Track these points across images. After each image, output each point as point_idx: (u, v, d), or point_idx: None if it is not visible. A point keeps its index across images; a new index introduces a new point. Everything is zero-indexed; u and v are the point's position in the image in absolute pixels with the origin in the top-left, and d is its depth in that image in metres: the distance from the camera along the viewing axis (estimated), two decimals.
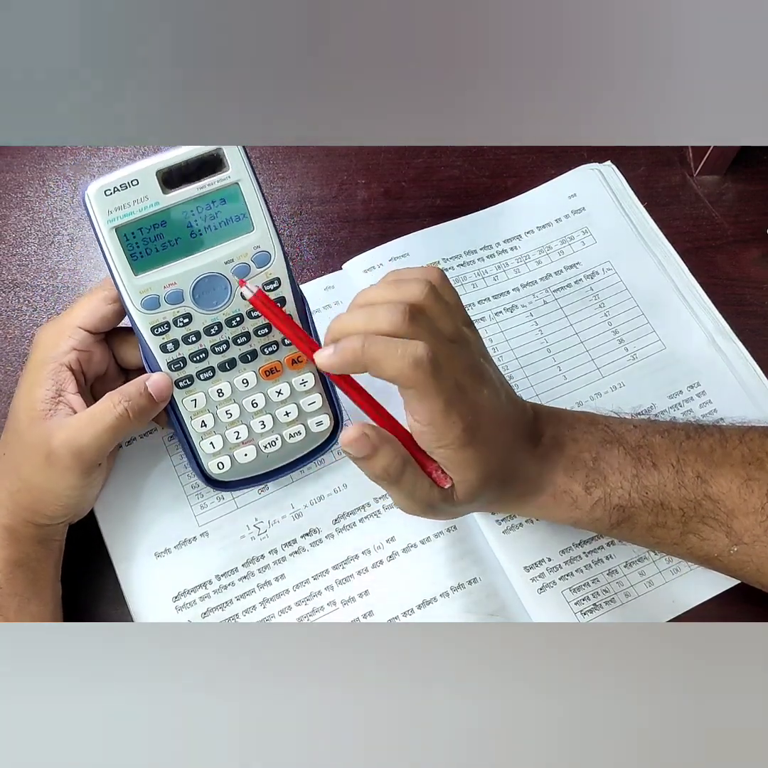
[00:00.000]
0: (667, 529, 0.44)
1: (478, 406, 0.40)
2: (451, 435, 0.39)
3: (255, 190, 0.44)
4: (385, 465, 0.40)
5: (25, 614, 0.44)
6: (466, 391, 0.40)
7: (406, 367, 0.37)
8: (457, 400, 0.39)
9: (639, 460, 0.44)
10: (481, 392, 0.41)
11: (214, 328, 0.45)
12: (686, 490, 0.43)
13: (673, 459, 0.44)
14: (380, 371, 0.38)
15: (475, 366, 0.41)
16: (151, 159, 0.43)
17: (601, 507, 0.44)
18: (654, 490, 0.44)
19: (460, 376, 0.40)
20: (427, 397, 0.38)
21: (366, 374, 0.39)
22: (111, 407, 0.43)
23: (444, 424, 0.39)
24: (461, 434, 0.39)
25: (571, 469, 0.44)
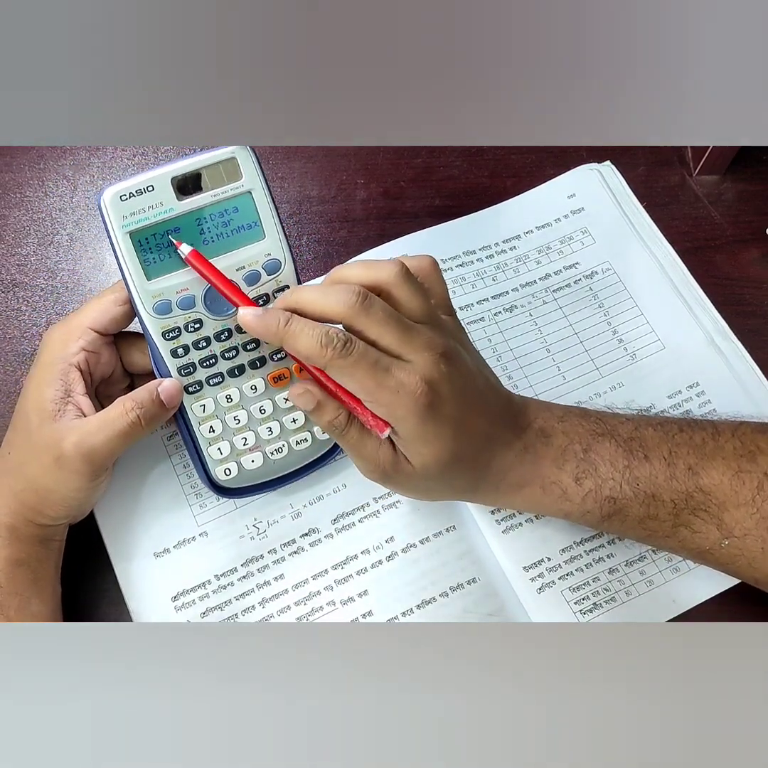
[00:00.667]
0: (659, 522, 0.44)
1: (438, 383, 0.41)
2: (401, 408, 0.40)
3: (267, 199, 0.45)
4: (330, 418, 0.42)
5: (25, 613, 0.44)
6: (421, 368, 0.40)
7: (317, 346, 0.40)
8: (405, 374, 0.40)
9: (630, 451, 0.44)
10: (446, 372, 0.41)
11: (224, 334, 0.46)
12: (677, 482, 0.44)
13: (665, 451, 0.44)
14: (295, 347, 0.41)
15: (442, 346, 0.42)
16: (167, 166, 0.43)
17: (592, 498, 0.44)
18: (645, 481, 0.44)
19: (414, 355, 0.41)
20: (346, 374, 0.40)
21: None
22: (124, 413, 0.44)
23: (382, 395, 0.40)
24: (415, 408, 0.40)
25: (561, 460, 0.44)
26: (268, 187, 0.45)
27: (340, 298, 0.40)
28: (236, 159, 0.44)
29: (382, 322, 0.41)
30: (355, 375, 0.40)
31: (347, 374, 0.40)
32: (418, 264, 0.45)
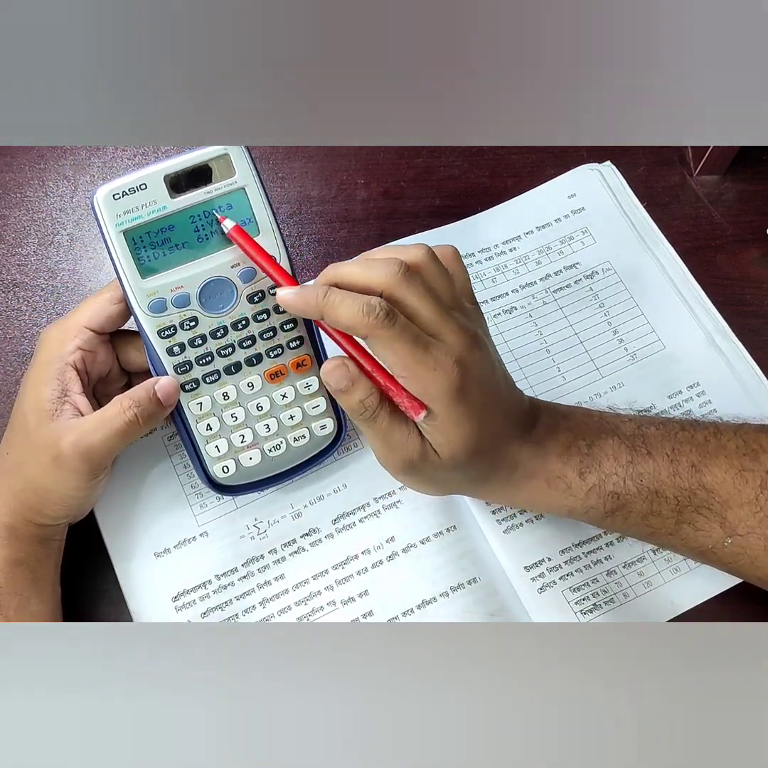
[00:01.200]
0: (662, 518, 0.44)
1: (471, 367, 0.41)
2: (436, 386, 0.40)
3: (261, 195, 0.45)
4: (362, 397, 0.41)
5: (25, 613, 0.44)
6: (456, 350, 0.40)
7: (359, 314, 0.39)
8: (442, 354, 0.40)
9: (634, 448, 0.45)
10: (478, 358, 0.41)
11: (220, 332, 0.46)
12: (680, 478, 0.44)
13: (667, 448, 0.44)
14: (336, 318, 0.40)
15: (473, 331, 0.42)
16: (159, 164, 0.43)
17: (596, 494, 0.44)
18: (648, 477, 0.44)
19: (450, 336, 0.40)
20: (387, 345, 0.39)
21: None
22: (121, 411, 0.44)
23: (419, 371, 0.40)
24: (449, 388, 0.40)
25: (566, 455, 0.44)
26: (262, 183, 0.45)
27: (382, 270, 0.40)
28: (229, 155, 0.44)
29: (422, 295, 0.40)
30: (394, 347, 0.39)
31: (387, 345, 0.39)
32: (441, 252, 0.44)
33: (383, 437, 0.42)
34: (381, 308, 0.39)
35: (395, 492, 0.51)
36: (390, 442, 0.42)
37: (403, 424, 0.42)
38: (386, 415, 0.41)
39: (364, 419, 0.42)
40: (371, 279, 0.40)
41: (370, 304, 0.39)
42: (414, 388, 0.40)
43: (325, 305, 0.40)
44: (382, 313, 0.39)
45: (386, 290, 0.40)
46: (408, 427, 0.42)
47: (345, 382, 0.41)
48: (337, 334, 0.42)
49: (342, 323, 0.40)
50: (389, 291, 0.40)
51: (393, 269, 0.40)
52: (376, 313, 0.39)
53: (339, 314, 0.40)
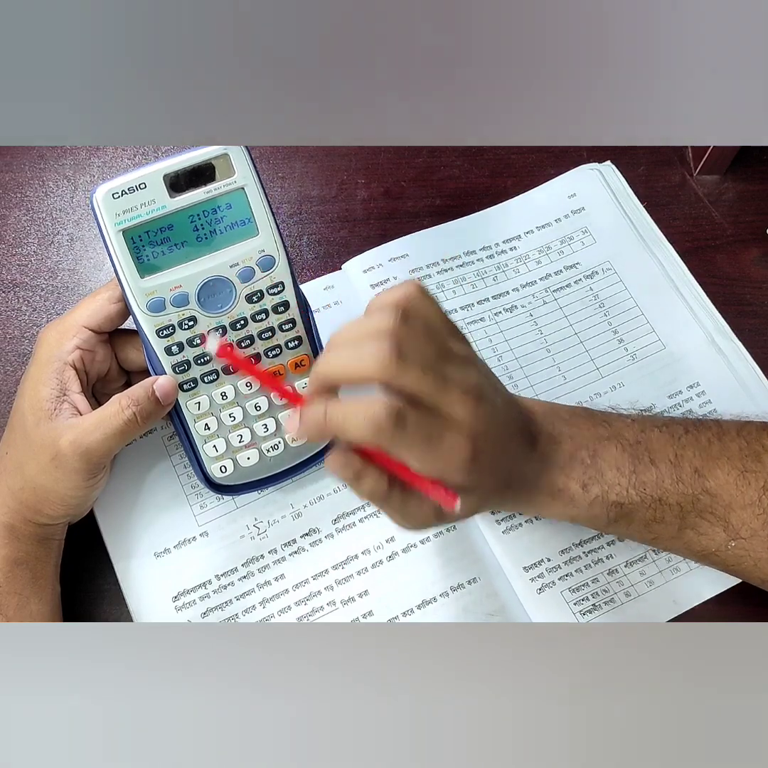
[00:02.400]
0: (665, 525, 0.44)
1: (480, 430, 0.39)
2: (453, 465, 0.39)
3: (260, 195, 0.45)
4: (371, 487, 0.40)
5: (24, 613, 0.44)
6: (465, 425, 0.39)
7: (367, 429, 0.37)
8: (454, 436, 0.39)
9: (637, 456, 0.44)
10: (480, 415, 0.40)
11: (219, 331, 0.46)
12: (684, 484, 0.44)
13: (671, 454, 0.44)
14: (346, 437, 0.38)
15: (474, 386, 0.40)
16: (159, 163, 0.43)
17: (599, 504, 0.44)
18: (652, 485, 0.44)
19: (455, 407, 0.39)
20: (403, 448, 0.38)
21: None
22: (120, 411, 0.44)
23: (435, 462, 0.39)
24: (465, 461, 0.39)
25: (569, 467, 0.44)
26: (261, 183, 0.45)
27: (372, 360, 0.37)
28: (229, 155, 0.44)
29: (419, 376, 0.38)
30: (411, 448, 0.38)
31: (405, 448, 0.38)
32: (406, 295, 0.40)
33: (398, 511, 0.41)
34: (387, 414, 0.37)
35: None
36: (406, 514, 0.41)
37: (416, 495, 0.41)
38: (398, 495, 0.40)
39: (376, 502, 0.41)
40: (364, 373, 0.38)
41: (375, 415, 0.37)
42: (431, 474, 0.39)
43: (331, 427, 0.38)
44: (390, 421, 0.37)
45: (382, 381, 0.38)
46: (421, 495, 0.41)
47: (350, 476, 0.40)
48: None
49: (354, 440, 0.38)
50: (386, 381, 0.38)
51: (383, 355, 0.37)
52: (383, 425, 0.37)
53: (347, 433, 0.38)
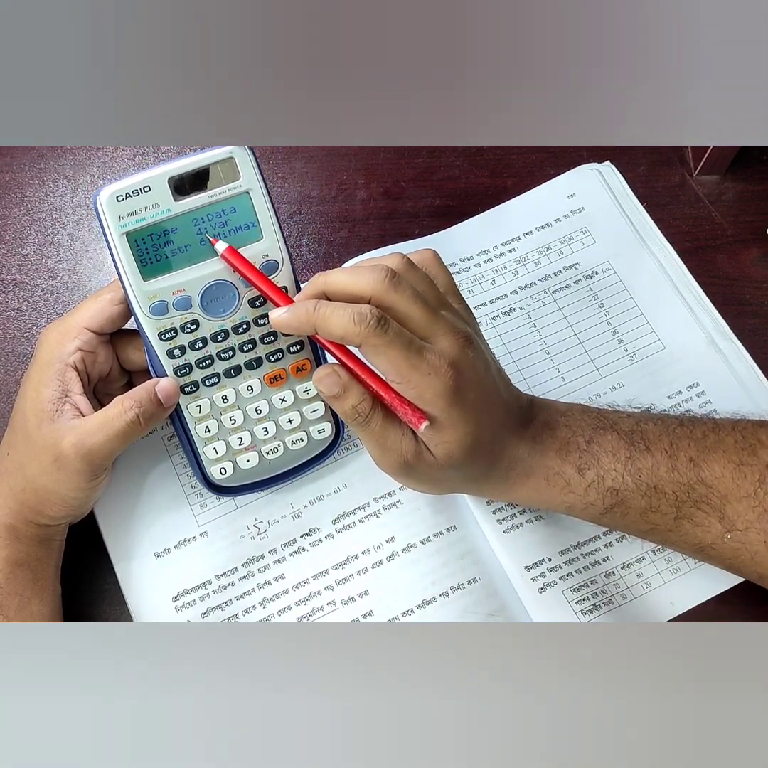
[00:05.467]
0: (661, 514, 0.44)
1: (464, 368, 0.41)
2: (431, 391, 0.40)
3: (265, 199, 0.45)
4: (354, 403, 0.41)
5: (25, 614, 0.44)
6: (449, 352, 0.40)
7: (350, 324, 0.39)
8: (435, 358, 0.40)
9: (632, 443, 0.45)
10: (471, 358, 0.41)
11: (221, 335, 0.46)
12: (679, 473, 0.44)
13: (666, 444, 0.45)
14: (328, 330, 0.40)
15: (464, 331, 0.42)
16: (164, 166, 0.43)
17: (595, 489, 0.44)
18: (647, 472, 0.44)
19: (442, 338, 0.41)
20: (381, 353, 0.39)
21: None
22: (122, 412, 0.44)
23: (414, 377, 0.40)
24: (444, 391, 0.40)
25: (564, 451, 0.45)
26: (267, 187, 0.45)
27: (369, 277, 0.40)
28: (234, 159, 0.44)
29: (411, 299, 0.40)
30: (388, 354, 0.39)
31: (381, 353, 0.40)
32: (420, 256, 0.45)
33: (377, 440, 0.42)
34: (372, 316, 0.39)
35: (395, 492, 0.51)
36: (384, 444, 0.42)
37: (397, 425, 0.42)
38: (379, 419, 0.42)
39: (357, 423, 0.42)
40: (359, 286, 0.40)
41: (361, 313, 0.39)
42: (409, 393, 0.41)
43: (317, 318, 0.40)
44: (373, 321, 0.39)
45: (375, 296, 0.40)
46: (402, 428, 0.42)
47: (337, 388, 0.41)
48: (331, 345, 0.42)
49: (334, 334, 0.40)
50: (378, 297, 0.40)
51: (380, 275, 0.40)
52: (367, 322, 0.39)
53: (331, 326, 0.40)
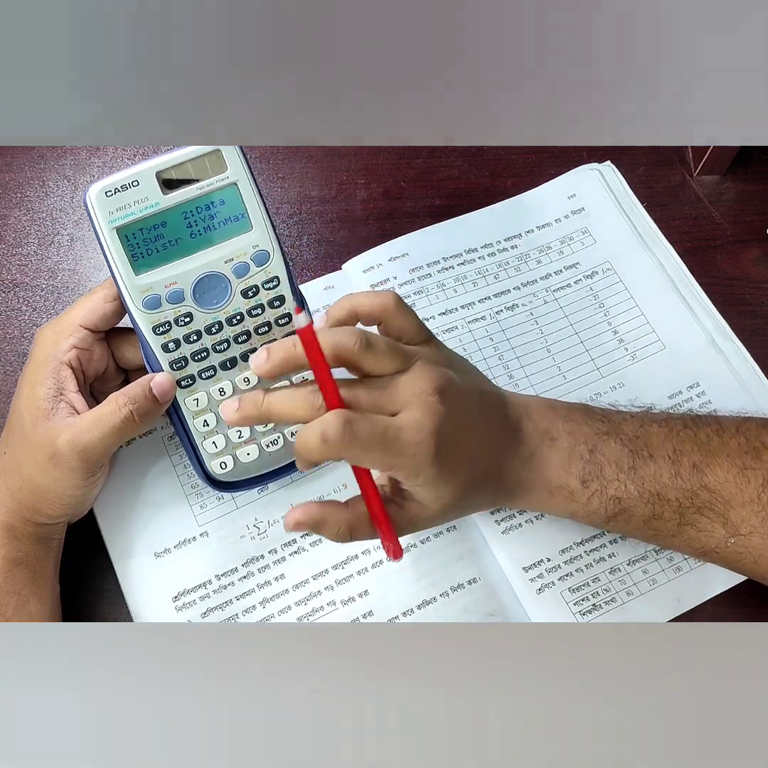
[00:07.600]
0: (664, 521, 0.44)
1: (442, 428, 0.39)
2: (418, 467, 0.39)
3: (253, 190, 0.45)
4: (332, 534, 0.41)
5: (23, 613, 0.44)
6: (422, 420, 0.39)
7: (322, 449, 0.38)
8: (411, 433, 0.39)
9: (636, 451, 0.44)
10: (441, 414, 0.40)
11: (215, 327, 0.46)
12: (682, 480, 0.44)
13: (669, 449, 0.44)
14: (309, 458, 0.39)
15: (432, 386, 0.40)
16: (151, 160, 0.43)
17: (598, 498, 0.44)
18: (650, 480, 0.44)
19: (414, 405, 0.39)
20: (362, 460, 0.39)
21: None
22: (117, 409, 0.44)
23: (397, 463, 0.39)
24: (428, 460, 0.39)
25: (567, 463, 0.44)
26: (254, 178, 0.45)
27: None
28: (221, 151, 0.44)
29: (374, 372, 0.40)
30: (371, 455, 0.39)
31: (363, 460, 0.39)
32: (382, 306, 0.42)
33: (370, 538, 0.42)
34: (334, 431, 0.37)
35: None
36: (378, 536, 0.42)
37: None
38: (367, 534, 0.41)
39: (347, 542, 0.42)
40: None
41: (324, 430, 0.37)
42: (399, 475, 0.40)
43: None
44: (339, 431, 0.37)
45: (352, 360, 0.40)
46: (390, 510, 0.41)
47: (307, 530, 0.41)
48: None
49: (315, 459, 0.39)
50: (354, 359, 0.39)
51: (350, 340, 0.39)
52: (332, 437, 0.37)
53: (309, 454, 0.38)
